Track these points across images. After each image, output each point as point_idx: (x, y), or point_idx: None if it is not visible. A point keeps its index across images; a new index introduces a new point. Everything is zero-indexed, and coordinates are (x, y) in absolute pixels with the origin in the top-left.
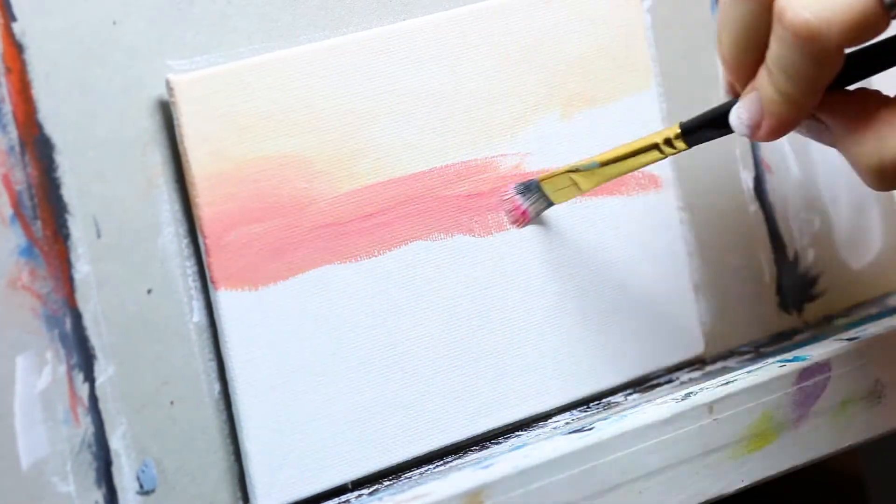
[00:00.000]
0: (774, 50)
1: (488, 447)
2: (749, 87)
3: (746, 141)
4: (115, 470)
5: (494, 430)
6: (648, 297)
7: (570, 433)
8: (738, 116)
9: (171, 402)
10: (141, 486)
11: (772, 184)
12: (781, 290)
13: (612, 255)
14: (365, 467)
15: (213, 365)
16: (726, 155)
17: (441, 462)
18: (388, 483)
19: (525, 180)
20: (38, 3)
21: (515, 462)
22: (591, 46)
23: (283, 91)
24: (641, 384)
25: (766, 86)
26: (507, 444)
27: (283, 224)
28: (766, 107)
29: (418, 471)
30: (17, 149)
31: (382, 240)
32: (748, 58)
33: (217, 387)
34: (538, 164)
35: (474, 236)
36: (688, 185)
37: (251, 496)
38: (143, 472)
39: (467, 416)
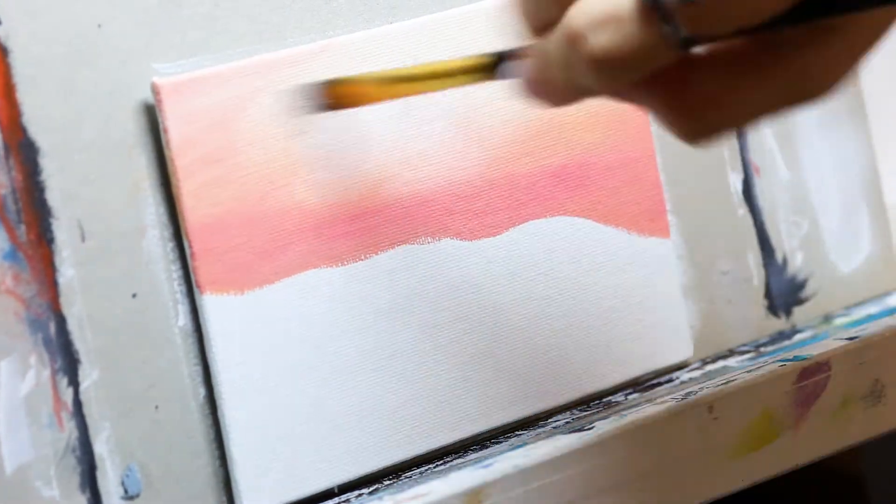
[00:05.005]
0: (556, 41)
1: (488, 446)
2: (534, 49)
3: (735, 143)
4: (99, 475)
5: (483, 433)
6: (636, 300)
7: (570, 432)
8: (514, 72)
9: (156, 407)
10: (125, 491)
11: (760, 186)
12: (770, 293)
13: (600, 258)
14: (352, 471)
15: (198, 369)
16: (714, 157)
17: (441, 461)
18: (388, 482)
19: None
20: (23, 5)
21: (515, 461)
22: None
23: (269, 94)
24: (638, 385)
25: (544, 65)
26: (507, 444)
27: (269, 228)
28: (542, 82)
29: (418, 470)
30: (2, 152)
31: (369, 243)
32: (543, 15)
33: (202, 391)
34: (526, 165)
35: (461, 240)
36: (675, 188)
37: (237, 501)
38: (127, 476)
39: (454, 420)
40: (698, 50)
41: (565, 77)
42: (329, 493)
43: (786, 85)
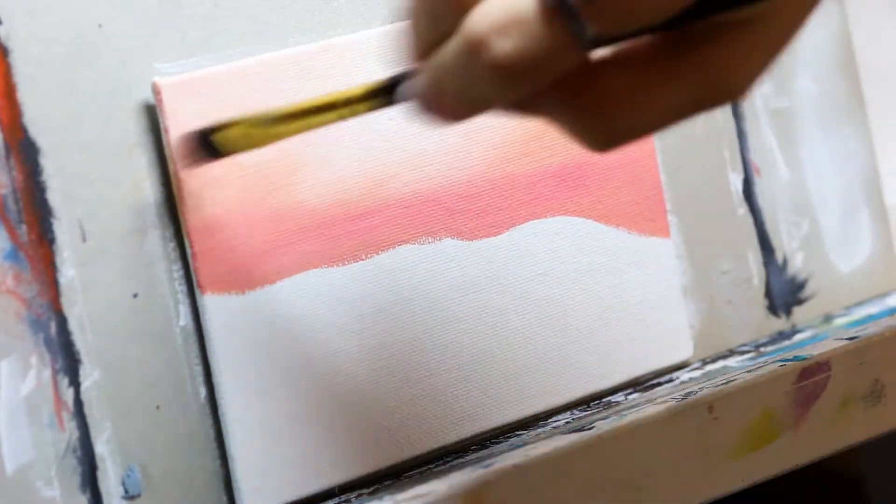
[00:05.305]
0: (452, 51)
1: (488, 446)
2: (427, 64)
3: (735, 143)
4: (100, 475)
5: (483, 433)
6: (636, 300)
7: (570, 432)
8: (408, 93)
9: (157, 407)
10: (126, 491)
11: (760, 186)
12: (770, 293)
13: (600, 258)
14: (352, 471)
15: (199, 369)
16: (714, 157)
17: (441, 461)
18: (388, 482)
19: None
20: (24, 5)
21: (515, 461)
22: None
23: (270, 94)
24: (638, 385)
25: (437, 79)
26: (507, 444)
27: (270, 228)
28: (437, 97)
29: (418, 470)
30: (2, 152)
31: (370, 243)
32: (433, 30)
33: (203, 391)
34: (527, 165)
35: (462, 240)
36: (676, 188)
37: (238, 501)
38: (128, 476)
39: (454, 420)
40: (603, 52)
41: (462, 89)
42: (329, 493)
43: (697, 84)
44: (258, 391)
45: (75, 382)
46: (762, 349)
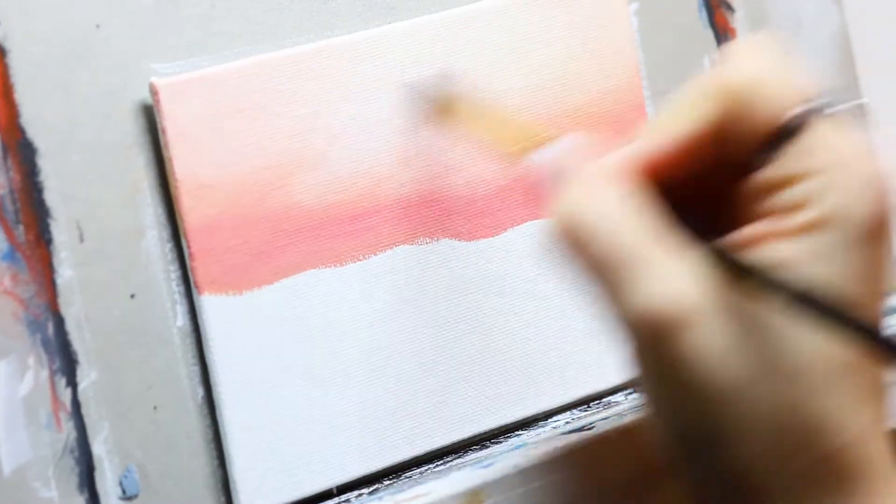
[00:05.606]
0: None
1: (488, 446)
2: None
3: None
4: (97, 475)
5: (483, 433)
6: None
7: (570, 432)
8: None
9: (155, 408)
10: (124, 492)
11: None
12: None
13: None
14: (352, 471)
15: (196, 370)
16: None
17: (441, 461)
18: (388, 482)
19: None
20: (21, 6)
21: (515, 461)
22: (577, 50)
23: (267, 94)
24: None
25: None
26: (507, 444)
27: (268, 228)
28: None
29: (418, 470)
30: (0, 153)
31: (367, 244)
32: None
33: (201, 392)
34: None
35: (460, 241)
36: None
37: (235, 502)
38: (125, 477)
39: (454, 420)
40: None
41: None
42: (328, 494)
43: None
44: (256, 391)
45: (73, 383)
46: None
